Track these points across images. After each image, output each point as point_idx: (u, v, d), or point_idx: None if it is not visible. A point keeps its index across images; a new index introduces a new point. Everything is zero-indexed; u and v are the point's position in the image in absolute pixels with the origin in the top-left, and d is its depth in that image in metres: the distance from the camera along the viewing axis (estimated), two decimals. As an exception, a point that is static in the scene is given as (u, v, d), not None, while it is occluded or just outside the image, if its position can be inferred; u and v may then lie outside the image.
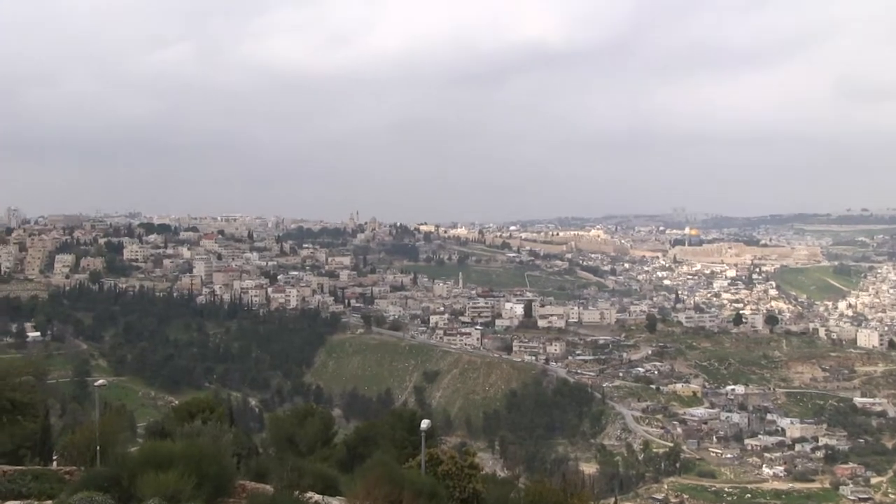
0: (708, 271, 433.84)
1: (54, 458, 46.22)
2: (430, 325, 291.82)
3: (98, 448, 34.22)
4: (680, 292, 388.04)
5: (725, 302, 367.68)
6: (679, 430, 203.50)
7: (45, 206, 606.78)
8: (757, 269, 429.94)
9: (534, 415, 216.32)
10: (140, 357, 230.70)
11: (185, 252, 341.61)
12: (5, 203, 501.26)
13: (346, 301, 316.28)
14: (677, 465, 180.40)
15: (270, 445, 61.26)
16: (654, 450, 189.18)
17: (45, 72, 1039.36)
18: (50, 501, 23.23)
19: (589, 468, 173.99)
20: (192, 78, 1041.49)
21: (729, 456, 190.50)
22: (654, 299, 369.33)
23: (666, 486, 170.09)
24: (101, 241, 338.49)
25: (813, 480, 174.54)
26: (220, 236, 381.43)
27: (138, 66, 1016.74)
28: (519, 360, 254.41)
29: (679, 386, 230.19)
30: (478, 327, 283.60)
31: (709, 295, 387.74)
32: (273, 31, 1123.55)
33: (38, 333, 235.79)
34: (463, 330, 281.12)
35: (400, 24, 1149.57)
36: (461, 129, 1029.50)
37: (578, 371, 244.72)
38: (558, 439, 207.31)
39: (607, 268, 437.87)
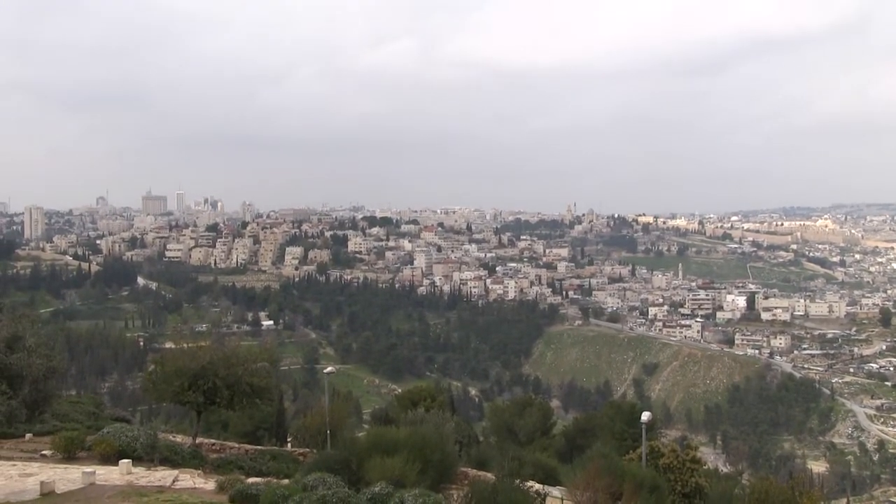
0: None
1: (288, 439, 49.07)
2: (649, 317, 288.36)
3: (328, 432, 36.00)
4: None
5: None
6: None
7: (276, 200, 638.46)
8: None
9: (757, 410, 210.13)
10: (364, 346, 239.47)
11: (406, 244, 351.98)
12: (241, 198, 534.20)
13: (564, 293, 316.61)
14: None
15: (491, 434, 62.51)
16: (891, 450, 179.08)
17: (278, 72, 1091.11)
18: (287, 480, 24.55)
19: (817, 466, 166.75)
20: (414, 74, 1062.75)
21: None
22: (889, 292, 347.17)
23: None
24: (328, 234, 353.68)
25: None
26: (439, 228, 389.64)
27: (363, 64, 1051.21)
28: (741, 353, 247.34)
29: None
30: (698, 319, 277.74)
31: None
32: (492, 25, 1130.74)
33: (271, 322, 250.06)
34: (683, 322, 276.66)
35: (620, 15, 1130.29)
36: (679, 119, 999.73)
37: (805, 366, 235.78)
38: (783, 436, 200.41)
39: (836, 259, 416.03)
